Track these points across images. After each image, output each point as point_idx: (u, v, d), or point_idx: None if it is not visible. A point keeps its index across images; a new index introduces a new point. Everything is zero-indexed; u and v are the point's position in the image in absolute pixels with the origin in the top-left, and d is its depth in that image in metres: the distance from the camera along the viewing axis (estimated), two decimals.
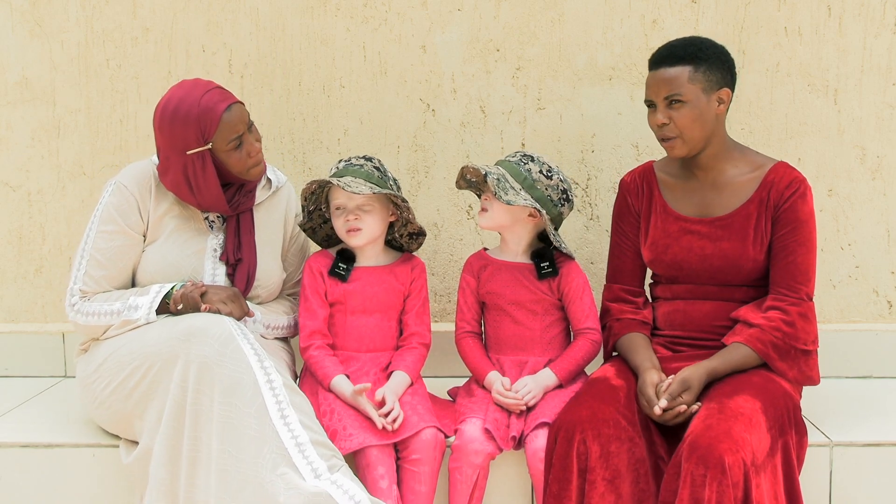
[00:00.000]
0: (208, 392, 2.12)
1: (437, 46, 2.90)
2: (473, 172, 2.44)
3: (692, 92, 2.25)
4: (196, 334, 2.16)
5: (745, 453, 2.01)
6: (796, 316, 2.27)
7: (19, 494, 2.38)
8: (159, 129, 2.33)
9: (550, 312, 2.46)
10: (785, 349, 2.27)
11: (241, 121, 2.33)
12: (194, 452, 2.12)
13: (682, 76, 2.25)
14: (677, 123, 2.27)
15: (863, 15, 2.85)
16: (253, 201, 2.48)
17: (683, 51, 2.27)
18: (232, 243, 2.43)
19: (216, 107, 2.30)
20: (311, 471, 2.06)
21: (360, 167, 2.40)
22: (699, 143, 2.31)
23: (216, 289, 2.34)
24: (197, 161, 2.31)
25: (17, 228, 3.00)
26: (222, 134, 2.30)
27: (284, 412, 2.11)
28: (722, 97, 2.30)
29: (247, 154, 2.36)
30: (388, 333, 2.48)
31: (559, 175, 2.41)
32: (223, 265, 2.42)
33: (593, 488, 2.11)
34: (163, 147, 2.35)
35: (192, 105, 2.29)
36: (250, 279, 2.44)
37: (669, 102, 2.26)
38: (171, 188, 2.38)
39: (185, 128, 2.28)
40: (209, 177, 2.33)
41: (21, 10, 2.93)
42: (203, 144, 2.30)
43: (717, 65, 2.28)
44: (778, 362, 2.27)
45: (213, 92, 2.33)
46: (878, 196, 2.90)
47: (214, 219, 2.46)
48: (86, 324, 2.34)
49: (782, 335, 2.26)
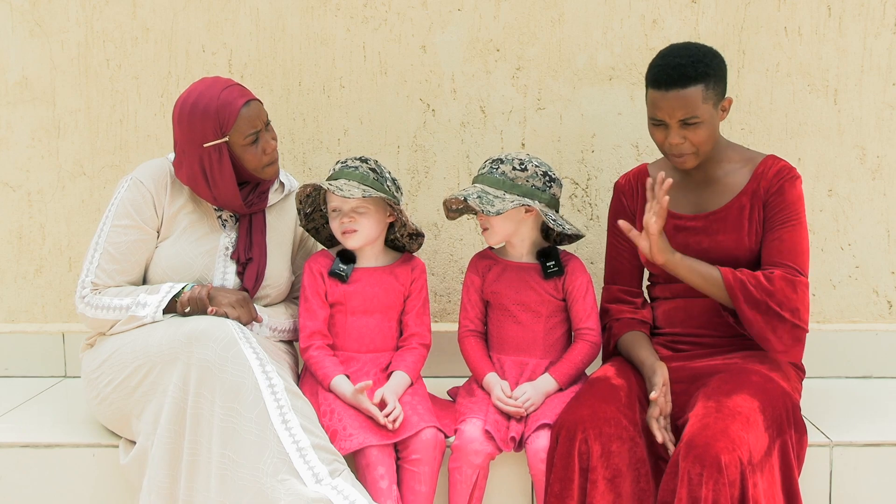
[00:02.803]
0: (209, 396, 2.12)
1: (437, 46, 2.90)
2: (455, 202, 2.45)
3: (707, 111, 2.23)
4: (198, 337, 2.16)
5: (742, 452, 2.01)
6: (779, 280, 2.24)
7: (19, 494, 2.38)
8: (178, 122, 2.36)
9: (554, 314, 2.46)
10: (757, 300, 2.23)
11: (258, 117, 2.37)
12: (194, 456, 2.12)
13: (697, 97, 2.21)
14: (693, 142, 2.25)
15: (863, 15, 2.85)
16: (266, 202, 2.50)
17: (694, 70, 2.21)
18: (243, 242, 2.44)
19: (235, 101, 2.33)
20: (312, 476, 2.06)
21: (354, 169, 2.40)
22: (709, 154, 2.33)
23: (225, 292, 2.35)
24: (214, 154, 2.33)
25: (17, 228, 3.00)
26: (240, 128, 2.33)
27: (286, 416, 2.11)
28: (725, 105, 2.31)
29: (262, 151, 2.38)
30: (389, 334, 2.48)
31: (533, 162, 2.40)
32: (234, 263, 2.43)
33: (594, 487, 2.11)
34: (180, 140, 2.37)
35: (212, 99, 2.32)
36: (259, 278, 2.45)
37: (684, 124, 2.24)
38: (187, 182, 2.40)
39: (204, 120, 2.32)
40: (225, 170, 2.35)
41: (21, 10, 2.93)
42: (220, 137, 2.33)
43: (721, 76, 2.27)
44: (744, 305, 2.22)
45: (233, 88, 2.37)
46: (878, 196, 2.90)
47: (227, 218, 2.47)
48: (93, 317, 2.34)
49: (757, 282, 2.23)
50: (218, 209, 2.46)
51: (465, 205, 2.47)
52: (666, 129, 2.26)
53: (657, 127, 2.29)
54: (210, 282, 2.40)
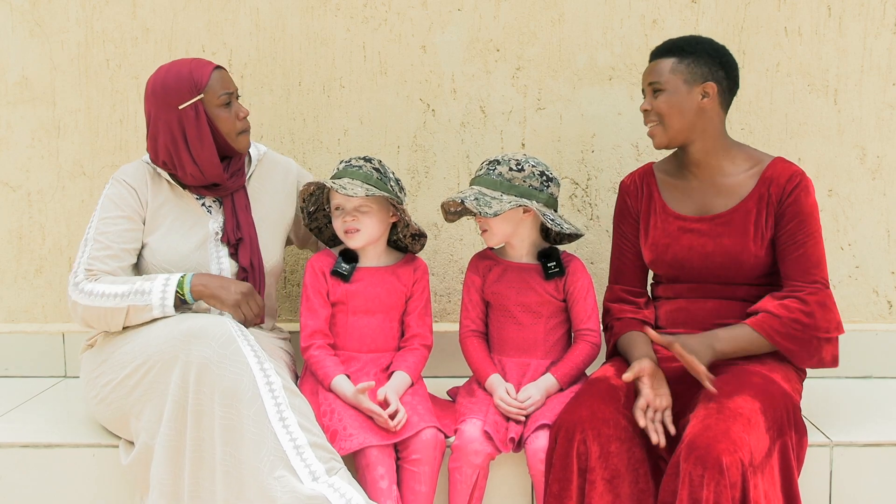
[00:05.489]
0: (209, 393, 2.12)
1: (437, 46, 2.90)
2: (453, 204, 2.45)
3: (672, 82, 2.32)
4: (197, 335, 2.16)
5: (743, 453, 2.01)
6: (815, 305, 2.27)
7: (19, 494, 2.39)
8: (152, 94, 2.39)
9: (555, 315, 2.46)
10: (806, 339, 2.27)
11: (230, 81, 2.45)
12: (198, 453, 2.13)
13: (665, 66, 2.33)
14: (656, 110, 2.34)
15: (863, 15, 2.85)
16: (244, 179, 2.52)
17: (673, 44, 2.36)
18: (231, 223, 2.46)
19: (206, 65, 2.42)
20: (308, 473, 2.06)
21: (358, 168, 2.40)
22: (679, 134, 2.34)
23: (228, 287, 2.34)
24: (191, 113, 2.37)
25: (17, 228, 3.00)
26: (213, 87, 2.39)
27: (283, 414, 2.11)
28: (707, 90, 2.32)
29: (235, 115, 2.42)
30: (390, 334, 2.48)
31: (530, 162, 2.40)
32: (225, 246, 2.45)
33: (593, 488, 2.11)
34: (154, 113, 2.39)
35: (183, 65, 2.41)
36: (254, 255, 2.46)
37: (653, 91, 2.34)
38: (164, 157, 2.40)
39: (179, 82, 2.37)
40: (203, 130, 2.37)
41: (21, 10, 2.93)
42: (195, 95, 2.36)
43: (704, 58, 2.33)
44: (797, 353, 2.28)
45: (201, 58, 2.46)
46: (878, 196, 2.90)
47: (211, 203, 2.48)
48: (87, 304, 2.30)
49: (802, 327, 2.27)
50: (199, 197, 2.47)
51: (464, 207, 2.47)
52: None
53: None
54: (207, 270, 2.41)
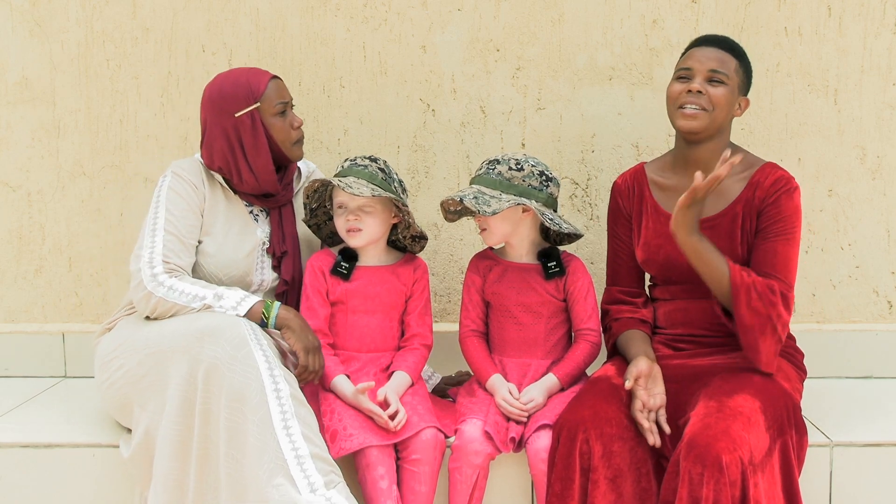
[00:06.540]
0: (216, 393, 2.12)
1: (437, 46, 2.90)
2: (452, 203, 2.45)
3: (734, 80, 2.31)
4: (211, 334, 2.16)
5: (743, 452, 2.01)
6: (779, 295, 2.22)
7: (19, 494, 2.38)
8: (209, 101, 2.42)
9: (555, 315, 2.46)
10: (758, 308, 2.19)
11: (286, 91, 2.48)
12: (205, 451, 2.13)
13: (732, 63, 2.32)
14: (712, 98, 2.28)
15: (863, 15, 2.85)
16: (292, 193, 2.55)
17: (733, 47, 2.35)
18: (277, 235, 2.49)
19: (263, 74, 2.45)
20: (307, 485, 2.05)
21: (364, 168, 2.40)
22: (714, 129, 2.31)
23: (307, 332, 2.30)
24: (247, 121, 2.40)
25: (17, 228, 3.00)
26: (269, 96, 2.42)
27: (288, 423, 2.10)
28: (741, 103, 2.35)
29: (290, 124, 2.45)
30: (390, 334, 2.48)
31: (529, 162, 2.40)
32: (269, 258, 2.48)
33: (595, 487, 2.12)
34: (211, 120, 2.42)
35: (241, 73, 2.45)
36: (296, 270, 2.48)
37: (710, 79, 2.29)
38: (220, 163, 2.43)
39: (236, 89, 2.40)
40: (259, 138, 2.40)
41: (21, 10, 2.93)
42: (252, 103, 2.39)
43: (749, 74, 2.37)
44: (744, 308, 2.19)
45: (259, 68, 2.51)
46: (878, 196, 2.90)
47: (258, 213, 2.51)
48: (163, 297, 2.28)
49: (763, 290, 2.19)
50: (248, 204, 2.49)
51: (463, 206, 2.47)
52: (689, 81, 2.30)
53: (681, 81, 2.32)
54: (250, 279, 2.44)
